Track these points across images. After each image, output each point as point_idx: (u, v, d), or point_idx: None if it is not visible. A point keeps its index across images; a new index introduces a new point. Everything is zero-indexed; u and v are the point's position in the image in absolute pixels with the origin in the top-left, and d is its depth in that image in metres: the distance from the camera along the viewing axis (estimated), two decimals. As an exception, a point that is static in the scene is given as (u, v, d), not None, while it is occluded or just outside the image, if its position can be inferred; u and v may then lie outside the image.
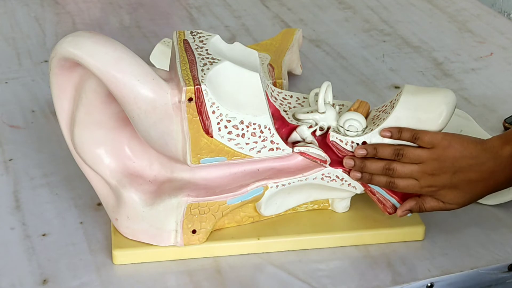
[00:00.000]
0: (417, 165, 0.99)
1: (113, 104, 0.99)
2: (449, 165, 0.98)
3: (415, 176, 0.99)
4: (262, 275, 1.00)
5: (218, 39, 1.03)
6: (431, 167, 0.98)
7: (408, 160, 0.99)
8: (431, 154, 0.98)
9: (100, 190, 1.04)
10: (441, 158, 0.98)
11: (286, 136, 1.03)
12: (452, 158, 0.98)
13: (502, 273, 1.02)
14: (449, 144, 0.98)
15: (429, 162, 0.98)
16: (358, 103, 1.06)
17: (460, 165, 0.98)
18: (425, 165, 0.98)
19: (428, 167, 0.98)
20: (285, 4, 1.73)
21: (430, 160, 0.98)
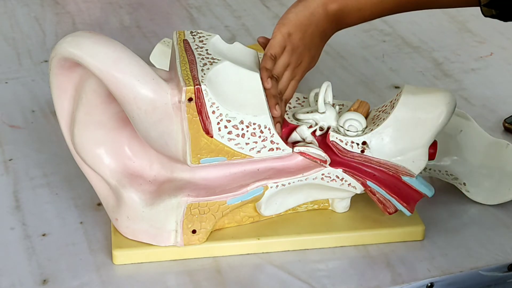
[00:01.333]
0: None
1: (113, 104, 0.99)
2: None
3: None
4: (262, 275, 1.00)
5: (218, 39, 1.03)
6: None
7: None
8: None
9: (100, 190, 1.04)
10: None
11: (286, 136, 1.03)
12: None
13: (502, 273, 1.02)
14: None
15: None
16: (358, 103, 1.06)
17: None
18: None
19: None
20: (285, 4, 1.73)
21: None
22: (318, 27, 1.04)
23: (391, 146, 1.02)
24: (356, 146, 1.02)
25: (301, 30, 1.03)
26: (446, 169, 1.13)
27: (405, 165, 1.02)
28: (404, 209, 1.03)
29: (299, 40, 1.03)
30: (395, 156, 1.02)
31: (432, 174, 1.14)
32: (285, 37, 1.02)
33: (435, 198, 1.06)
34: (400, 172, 1.03)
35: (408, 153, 1.01)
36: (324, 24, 1.04)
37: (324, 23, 1.04)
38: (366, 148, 1.02)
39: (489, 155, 1.12)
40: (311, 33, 1.04)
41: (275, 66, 1.02)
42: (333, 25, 1.06)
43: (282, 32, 1.02)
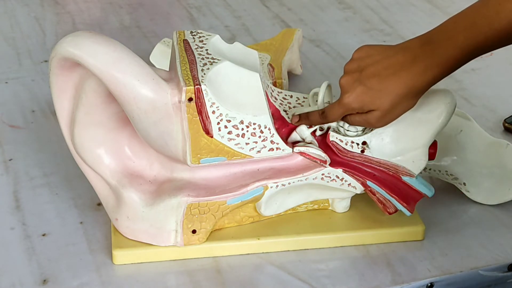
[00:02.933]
0: (338, 100, 0.99)
1: (113, 104, 0.99)
2: (355, 66, 0.96)
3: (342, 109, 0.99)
4: (262, 275, 1.00)
5: (218, 39, 1.03)
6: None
7: (331, 119, 1.00)
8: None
9: (100, 190, 1.04)
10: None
11: (286, 136, 1.03)
12: (358, 59, 0.97)
13: (502, 273, 1.02)
14: (356, 49, 0.98)
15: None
16: (358, 103, 1.06)
17: (367, 63, 0.96)
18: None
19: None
20: (285, 4, 1.73)
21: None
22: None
23: (391, 146, 1.02)
24: (356, 146, 1.02)
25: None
26: (446, 169, 1.13)
27: (405, 165, 1.02)
28: (404, 209, 1.03)
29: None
30: (395, 156, 1.02)
31: (432, 174, 1.14)
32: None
33: (435, 198, 1.06)
34: (400, 172, 1.03)
35: (408, 153, 1.01)
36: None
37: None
38: (366, 148, 1.02)
39: (489, 155, 1.12)
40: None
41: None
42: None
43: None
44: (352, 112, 0.98)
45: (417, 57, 0.93)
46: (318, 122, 1.02)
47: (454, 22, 0.94)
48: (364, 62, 0.96)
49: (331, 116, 1.00)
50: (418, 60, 0.93)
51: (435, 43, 0.93)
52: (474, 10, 0.93)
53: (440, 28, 0.95)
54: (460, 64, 0.94)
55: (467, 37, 0.92)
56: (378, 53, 0.96)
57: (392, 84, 0.94)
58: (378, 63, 0.95)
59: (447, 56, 0.93)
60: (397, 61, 0.94)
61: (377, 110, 0.96)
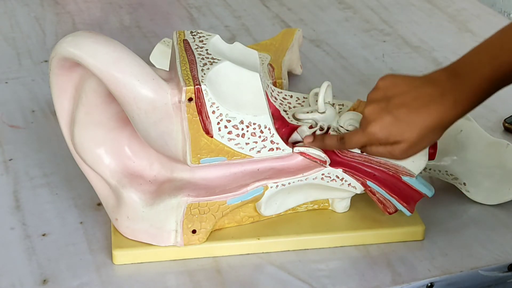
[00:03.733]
0: (360, 128, 0.96)
1: (113, 104, 0.99)
2: (381, 94, 0.94)
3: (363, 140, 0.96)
4: (262, 275, 1.00)
5: (218, 39, 1.03)
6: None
7: (349, 146, 0.98)
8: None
9: (100, 190, 1.04)
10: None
11: (286, 136, 1.03)
12: (384, 88, 0.94)
13: (502, 273, 1.02)
14: (381, 78, 0.95)
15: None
16: (358, 103, 1.06)
17: (394, 92, 0.93)
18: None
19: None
20: (285, 4, 1.73)
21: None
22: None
23: (391, 146, 1.02)
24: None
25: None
26: (446, 169, 1.13)
27: (405, 165, 1.02)
28: (404, 209, 1.03)
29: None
30: (395, 156, 1.02)
31: (432, 174, 1.14)
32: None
33: (435, 198, 1.05)
34: (400, 172, 1.03)
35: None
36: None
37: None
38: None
39: (489, 155, 1.12)
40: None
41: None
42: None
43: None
44: (376, 142, 0.95)
45: (445, 90, 0.91)
46: (334, 148, 1.00)
47: (478, 54, 0.92)
48: (390, 92, 0.93)
49: (351, 144, 0.97)
50: (447, 94, 0.91)
51: (462, 76, 0.91)
52: (496, 40, 0.91)
53: (465, 60, 0.93)
54: (488, 95, 0.92)
55: (493, 69, 0.90)
56: (405, 83, 0.93)
57: (421, 116, 0.91)
58: (406, 94, 0.92)
59: (475, 88, 0.91)
60: (426, 93, 0.91)
61: (404, 142, 0.93)
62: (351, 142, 0.97)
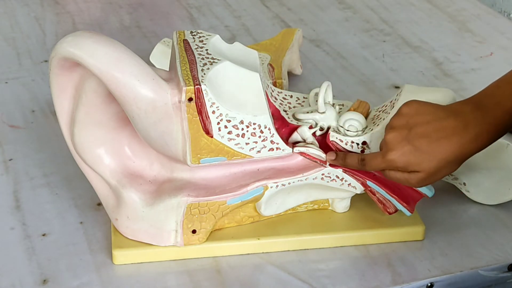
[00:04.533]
0: (381, 153, 0.96)
1: (113, 104, 0.99)
2: (404, 122, 0.94)
3: (383, 163, 0.96)
4: (262, 275, 1.00)
5: (218, 39, 1.03)
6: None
7: (370, 169, 0.99)
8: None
9: (100, 190, 1.04)
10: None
11: (286, 136, 1.03)
12: (407, 115, 0.94)
13: (502, 273, 1.02)
14: (405, 104, 0.95)
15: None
16: (358, 103, 1.06)
17: (416, 121, 0.93)
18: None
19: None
20: (285, 4, 1.73)
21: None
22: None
23: (391, 146, 1.02)
24: (356, 146, 1.02)
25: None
26: (446, 169, 1.13)
27: (405, 165, 1.02)
28: (404, 209, 1.03)
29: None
30: (395, 156, 1.02)
31: (432, 174, 1.13)
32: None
33: (435, 198, 1.05)
34: (400, 172, 1.03)
35: (408, 153, 1.01)
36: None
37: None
38: (366, 148, 1.02)
39: (489, 155, 1.12)
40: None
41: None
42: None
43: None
44: (394, 169, 0.95)
45: (468, 123, 0.92)
46: (354, 167, 1.00)
47: (500, 87, 0.94)
48: (413, 120, 0.94)
49: (371, 167, 0.98)
50: (470, 127, 0.92)
51: (485, 109, 0.92)
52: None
53: (487, 92, 0.94)
54: (508, 129, 0.93)
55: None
56: (429, 113, 0.94)
57: (441, 148, 0.92)
58: (429, 124, 0.93)
59: (497, 122, 0.92)
60: (449, 125, 0.92)
61: (422, 172, 0.94)
62: (371, 165, 0.98)
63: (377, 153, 0.97)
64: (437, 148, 0.93)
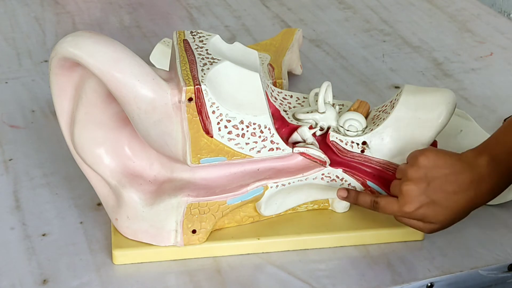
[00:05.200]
0: (397, 201, 0.97)
1: (113, 104, 0.99)
2: (422, 174, 0.95)
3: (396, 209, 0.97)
4: (262, 275, 1.00)
5: (218, 39, 1.03)
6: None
7: (383, 212, 0.99)
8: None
9: (100, 190, 1.04)
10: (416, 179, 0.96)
11: (286, 136, 1.03)
12: (425, 168, 0.95)
13: (502, 273, 1.02)
14: (422, 154, 0.96)
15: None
16: (358, 103, 1.06)
17: (434, 175, 0.95)
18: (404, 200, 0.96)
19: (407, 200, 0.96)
20: (285, 4, 1.73)
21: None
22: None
23: (391, 146, 1.02)
24: (356, 146, 1.02)
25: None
26: (446, 169, 1.12)
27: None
28: (404, 209, 1.03)
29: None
30: (395, 156, 1.02)
31: (432, 174, 1.13)
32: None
33: (435, 198, 1.05)
34: (400, 172, 1.03)
35: (408, 153, 1.01)
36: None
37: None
38: (366, 148, 1.02)
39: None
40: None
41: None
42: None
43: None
44: (408, 218, 0.97)
45: (484, 177, 0.94)
46: (366, 207, 1.01)
47: (510, 133, 0.96)
48: (431, 174, 0.95)
49: (384, 211, 0.98)
50: (486, 180, 0.94)
51: (498, 160, 0.94)
52: None
53: (499, 139, 0.96)
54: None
55: None
56: (446, 166, 0.95)
57: (458, 202, 0.95)
58: (447, 177, 0.94)
59: (510, 171, 0.95)
60: (466, 179, 0.94)
61: (436, 224, 0.97)
62: (385, 209, 0.98)
63: (393, 200, 0.97)
64: (454, 201, 0.95)
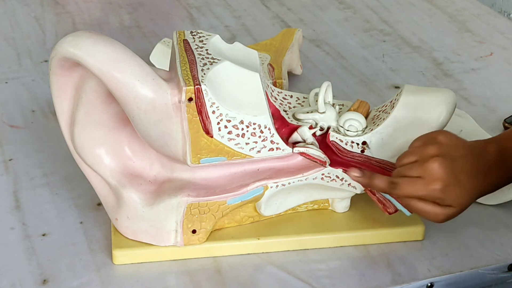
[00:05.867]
0: (421, 180, 0.92)
1: (113, 104, 0.99)
2: (444, 151, 0.92)
3: (419, 191, 0.93)
4: (262, 275, 1.00)
5: (218, 39, 1.03)
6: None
7: (402, 194, 0.94)
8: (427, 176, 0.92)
9: (100, 190, 1.04)
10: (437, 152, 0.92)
11: (286, 136, 1.03)
12: (447, 146, 0.92)
13: (502, 273, 1.02)
14: (441, 132, 0.95)
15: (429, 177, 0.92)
16: (358, 103, 1.06)
17: (457, 154, 0.92)
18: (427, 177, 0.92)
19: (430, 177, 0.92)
20: (285, 4, 1.73)
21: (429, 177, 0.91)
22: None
23: (391, 146, 1.02)
24: (356, 146, 1.02)
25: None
26: (446, 169, 1.12)
27: (405, 165, 1.02)
28: (404, 209, 1.03)
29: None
30: (395, 156, 1.02)
31: (432, 174, 1.13)
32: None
33: (435, 198, 1.05)
34: (400, 172, 1.02)
35: (408, 153, 1.01)
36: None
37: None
38: (366, 148, 1.02)
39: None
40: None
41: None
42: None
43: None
44: (430, 199, 0.92)
45: (491, 165, 0.93)
46: (381, 190, 0.97)
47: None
48: (454, 152, 0.92)
49: (404, 192, 0.93)
50: (493, 169, 0.93)
51: (506, 154, 0.93)
52: None
53: (509, 136, 0.95)
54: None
55: None
56: (465, 147, 0.93)
57: (474, 185, 0.92)
58: (468, 158, 0.92)
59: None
60: (483, 163, 0.92)
61: (456, 207, 0.93)
62: (406, 190, 0.93)
63: (416, 180, 0.92)
64: (472, 185, 0.92)
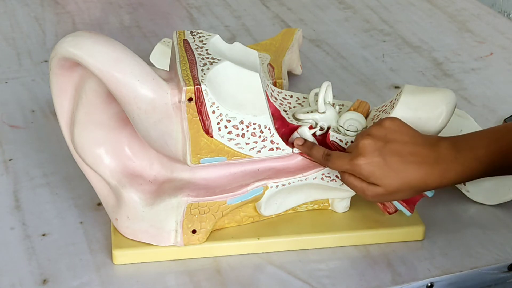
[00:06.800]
0: (349, 155, 0.96)
1: (113, 104, 0.99)
2: (382, 134, 0.95)
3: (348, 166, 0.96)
4: (262, 275, 1.00)
5: (218, 39, 1.03)
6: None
7: (331, 166, 0.97)
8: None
9: (100, 190, 1.04)
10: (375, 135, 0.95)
11: (286, 136, 1.03)
12: (387, 129, 0.95)
13: (502, 273, 1.02)
14: (389, 118, 0.96)
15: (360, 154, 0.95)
16: (358, 103, 1.06)
17: (394, 138, 0.94)
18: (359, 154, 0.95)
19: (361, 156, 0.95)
20: (285, 4, 1.73)
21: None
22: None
23: (391, 146, 1.02)
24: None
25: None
26: (446, 169, 1.13)
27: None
28: (404, 209, 1.03)
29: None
30: (395, 156, 1.02)
31: (432, 174, 1.13)
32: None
33: (435, 198, 1.05)
34: (400, 172, 1.02)
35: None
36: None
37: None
38: (366, 148, 1.02)
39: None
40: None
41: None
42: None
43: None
44: (356, 174, 0.95)
45: (440, 157, 0.94)
46: (317, 160, 1.00)
47: (477, 135, 0.96)
48: (392, 135, 0.95)
49: (334, 164, 0.97)
50: (440, 162, 0.93)
51: (458, 150, 0.94)
52: (502, 128, 0.96)
53: (466, 136, 0.96)
54: (478, 176, 0.95)
55: (488, 152, 0.93)
56: (408, 134, 0.95)
57: (408, 172, 0.94)
58: (405, 145, 0.94)
59: (466, 164, 0.94)
60: (423, 152, 0.94)
61: (381, 187, 0.94)
62: (335, 163, 0.97)
63: (345, 154, 0.97)
64: (405, 170, 0.94)
